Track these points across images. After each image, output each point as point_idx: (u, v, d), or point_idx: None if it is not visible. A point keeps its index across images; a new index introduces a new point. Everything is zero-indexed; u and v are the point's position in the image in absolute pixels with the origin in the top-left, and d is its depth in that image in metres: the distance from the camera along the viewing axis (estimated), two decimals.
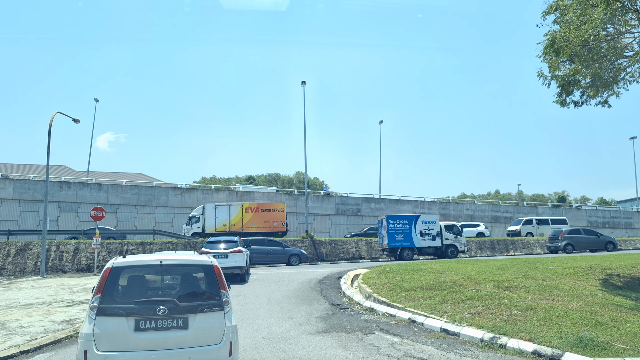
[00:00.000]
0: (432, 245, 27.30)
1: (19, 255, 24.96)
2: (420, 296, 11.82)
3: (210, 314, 5.38)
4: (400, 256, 26.91)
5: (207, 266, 5.87)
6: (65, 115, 22.37)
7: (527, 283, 12.55)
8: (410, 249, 27.23)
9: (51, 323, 9.87)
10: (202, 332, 5.27)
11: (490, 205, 46.39)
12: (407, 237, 27.13)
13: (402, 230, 27.13)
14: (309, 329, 9.35)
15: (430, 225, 27.44)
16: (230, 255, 17.93)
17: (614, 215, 47.03)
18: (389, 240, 27.02)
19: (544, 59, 16.60)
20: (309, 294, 14.11)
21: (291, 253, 26.53)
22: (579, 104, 17.05)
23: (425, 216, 27.97)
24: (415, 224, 27.33)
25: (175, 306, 5.24)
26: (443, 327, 9.07)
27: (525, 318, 9.05)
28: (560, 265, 16.46)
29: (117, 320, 5.11)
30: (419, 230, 27.27)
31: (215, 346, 5.27)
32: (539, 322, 8.72)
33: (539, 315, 9.13)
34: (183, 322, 5.24)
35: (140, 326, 5.11)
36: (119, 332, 5.06)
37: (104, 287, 5.24)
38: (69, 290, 14.98)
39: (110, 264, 5.48)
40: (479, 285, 12.49)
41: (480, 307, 10.13)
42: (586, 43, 12.11)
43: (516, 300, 10.46)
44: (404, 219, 27.57)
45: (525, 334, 8.11)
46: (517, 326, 8.57)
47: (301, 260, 26.49)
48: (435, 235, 27.36)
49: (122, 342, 5.04)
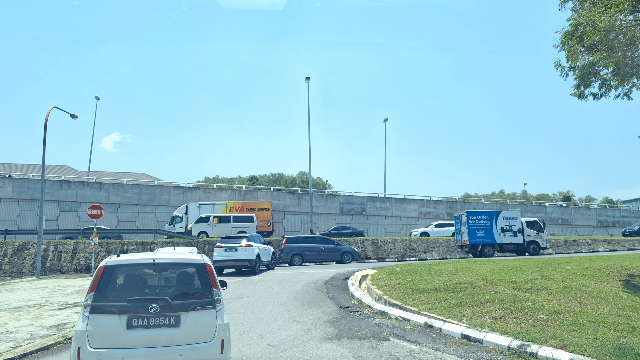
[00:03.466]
0: (514, 241, 26.91)
1: (15, 255, 24.31)
2: (435, 298, 11.09)
3: (201, 312, 5.43)
4: (482, 253, 26.60)
5: (200, 265, 5.80)
6: (62, 110, 21.70)
7: (548, 284, 11.83)
8: (492, 245, 26.86)
9: (39, 328, 9.17)
10: (194, 329, 5.32)
11: (498, 205, 45.55)
12: (488, 234, 26.75)
13: (482, 227, 26.76)
14: (317, 335, 8.61)
15: (511, 222, 27.05)
16: (240, 249, 19.66)
17: (624, 214, 46.12)
18: (470, 236, 26.63)
19: (562, 48, 15.84)
20: (316, 296, 13.39)
21: (344, 251, 26.05)
22: (598, 97, 16.30)
23: (506, 212, 27.56)
24: (496, 220, 26.93)
25: (168, 304, 5.30)
26: (464, 333, 8.32)
27: (553, 323, 8.30)
28: (578, 265, 15.74)
29: (110, 318, 5.16)
30: (500, 226, 26.89)
31: (206, 344, 5.32)
32: (569, 328, 7.97)
33: (568, 320, 8.37)
34: (175, 320, 5.29)
35: (132, 324, 5.18)
36: (111, 329, 5.12)
37: (97, 286, 5.31)
38: (64, 292, 14.29)
39: (104, 262, 5.54)
40: (497, 286, 11.76)
41: (502, 310, 9.39)
42: (612, 28, 11.34)
43: (540, 303, 9.71)
44: (485, 215, 27.18)
45: (556, 341, 7.36)
46: (546, 332, 7.83)
47: (353, 258, 26.04)
48: (517, 232, 26.96)
49: (115, 339, 5.10)
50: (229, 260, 20.04)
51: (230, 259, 19.98)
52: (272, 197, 39.85)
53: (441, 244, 31.06)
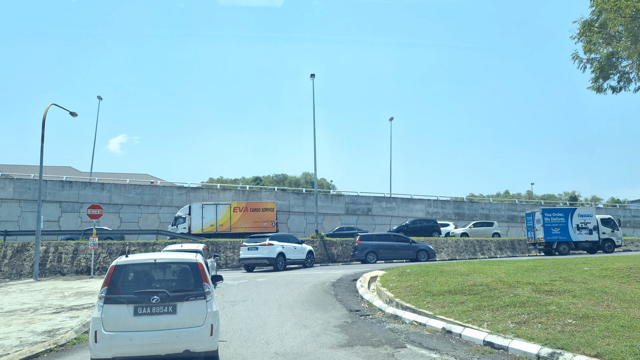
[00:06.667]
0: (589, 239, 26.60)
1: (15, 256, 23.79)
2: (450, 302, 10.46)
3: (194, 302, 6.36)
4: (557, 250, 26.17)
5: (193, 263, 6.71)
6: (61, 107, 21.17)
7: (569, 286, 11.19)
8: (567, 243, 26.56)
9: (30, 334, 8.58)
10: (188, 316, 6.28)
11: (506, 205, 44.76)
12: (564, 231, 26.48)
13: (558, 224, 26.46)
14: (328, 342, 7.98)
15: (586, 219, 26.76)
16: (260, 247, 21.35)
17: (635, 214, 45.28)
18: (545, 234, 26.27)
19: (580, 39, 15.22)
20: (324, 299, 12.77)
21: (419, 249, 25.52)
22: (617, 90, 15.69)
23: (581, 209, 27.32)
24: (571, 217, 26.60)
25: (166, 296, 6.27)
26: (487, 340, 7.69)
27: (583, 328, 7.65)
28: (595, 266, 15.11)
29: (120, 307, 6.19)
30: (575, 224, 26.58)
31: (198, 328, 6.27)
32: (601, 334, 7.32)
33: (600, 325, 7.72)
34: (172, 308, 6.27)
35: (138, 312, 6.20)
36: (121, 316, 6.15)
37: (109, 281, 6.31)
38: (60, 295, 13.71)
39: (115, 262, 6.55)
40: (515, 288, 11.13)
41: (525, 314, 8.75)
42: (639, 14, 10.70)
43: (565, 306, 9.06)
44: (560, 212, 26.90)
45: (589, 349, 6.71)
46: (576, 338, 7.17)
47: (429, 256, 25.47)
48: (592, 229, 26.64)
49: (124, 324, 6.13)
50: (251, 258, 21.65)
51: (252, 257, 21.56)
52: (276, 197, 39.24)
53: (450, 245, 30.39)
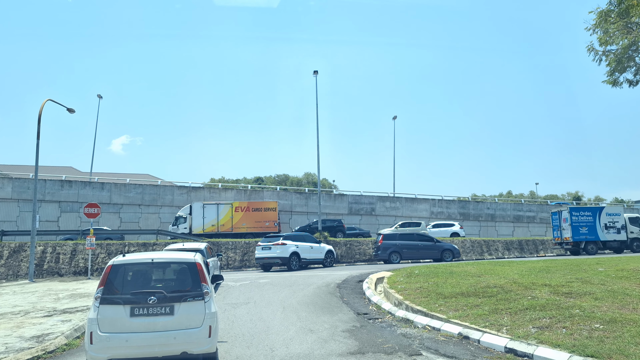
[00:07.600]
0: (617, 239, 26.14)
1: (12, 257, 23.26)
2: (464, 304, 9.88)
3: (192, 303, 6.12)
4: (585, 250, 25.67)
5: (191, 263, 6.47)
6: (58, 103, 20.64)
7: (588, 288, 10.60)
8: (595, 242, 26.06)
9: (18, 339, 8.03)
10: (186, 317, 6.04)
11: (512, 204, 44.08)
12: (592, 230, 25.97)
13: (586, 223, 25.92)
14: (337, 349, 7.41)
15: (614, 218, 26.27)
16: (273, 247, 21.82)
17: None
18: (573, 233, 25.76)
19: (595, 30, 14.65)
20: (329, 301, 12.20)
21: (444, 248, 24.93)
22: (634, 83, 15.10)
23: (609, 208, 26.93)
24: (599, 216, 26.09)
25: (164, 296, 6.04)
26: (508, 346, 7.12)
27: (613, 334, 7.07)
28: (609, 266, 14.53)
29: (116, 308, 5.96)
30: (604, 223, 26.08)
31: (196, 329, 6.02)
32: (633, 340, 6.75)
33: (631, 331, 7.14)
34: (170, 309, 6.03)
35: (135, 312, 5.96)
36: (117, 317, 5.91)
37: (106, 281, 6.09)
38: (54, 297, 13.16)
39: (111, 262, 6.34)
40: (532, 291, 10.56)
41: (547, 319, 8.17)
42: None
43: (589, 310, 8.48)
44: (588, 211, 26.40)
45: (623, 357, 6.16)
46: (606, 345, 6.61)
47: (454, 255, 24.85)
48: (620, 229, 26.17)
49: (120, 325, 5.89)
50: (264, 258, 22.15)
51: (265, 256, 22.09)
52: (278, 197, 38.67)
53: (456, 245, 29.75)
